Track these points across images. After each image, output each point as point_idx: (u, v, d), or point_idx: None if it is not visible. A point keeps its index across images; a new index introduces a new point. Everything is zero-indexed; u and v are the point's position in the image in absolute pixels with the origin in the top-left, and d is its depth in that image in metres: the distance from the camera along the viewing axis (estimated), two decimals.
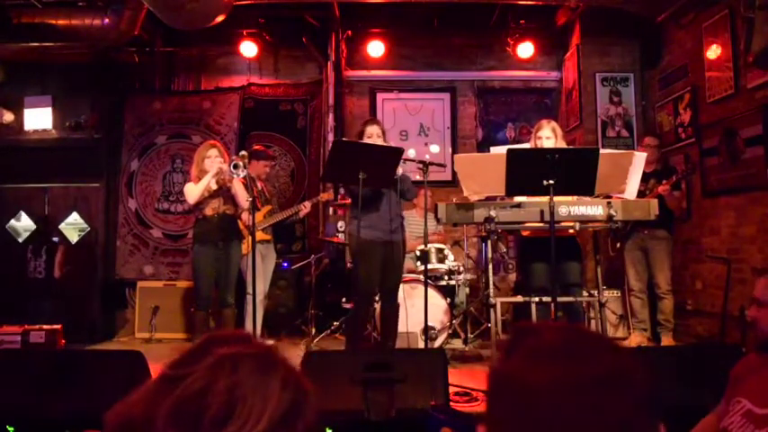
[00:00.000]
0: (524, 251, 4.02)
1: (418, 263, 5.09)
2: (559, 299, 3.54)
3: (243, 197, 4.45)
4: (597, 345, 0.70)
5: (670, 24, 5.63)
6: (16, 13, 5.45)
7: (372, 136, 4.02)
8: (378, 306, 4.52)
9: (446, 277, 5.17)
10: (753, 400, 1.59)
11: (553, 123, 3.88)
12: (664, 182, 4.82)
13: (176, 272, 6.58)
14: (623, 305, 5.46)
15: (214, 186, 4.47)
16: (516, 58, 6.65)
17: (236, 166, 4.06)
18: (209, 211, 4.51)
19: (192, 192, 4.42)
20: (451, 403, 2.77)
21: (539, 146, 3.74)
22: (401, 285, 4.38)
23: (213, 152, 4.50)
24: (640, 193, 4.10)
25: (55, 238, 6.57)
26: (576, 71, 6.39)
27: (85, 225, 6.61)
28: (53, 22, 5.50)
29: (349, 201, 4.59)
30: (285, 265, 5.89)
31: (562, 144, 3.88)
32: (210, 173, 4.37)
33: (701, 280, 5.32)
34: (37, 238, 6.58)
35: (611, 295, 5.28)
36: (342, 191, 5.68)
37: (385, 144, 4.09)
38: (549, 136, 3.76)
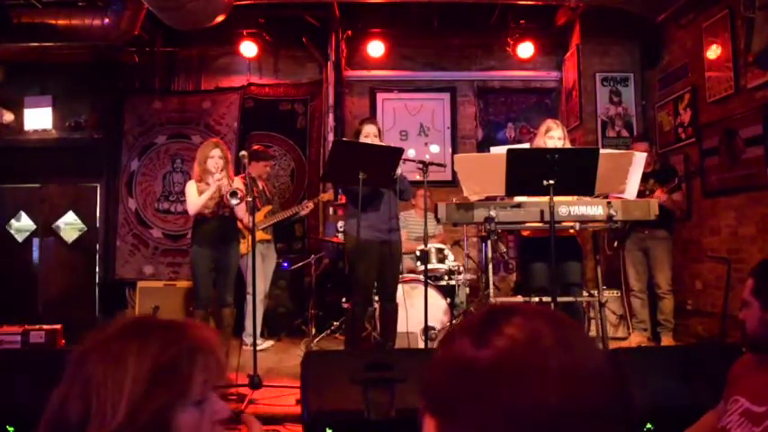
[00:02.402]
0: (524, 251, 4.02)
1: (418, 263, 5.09)
2: (559, 299, 3.54)
3: (242, 213, 4.51)
4: (586, 338, 0.68)
5: (670, 24, 5.62)
6: (16, 13, 5.44)
7: (369, 135, 4.02)
8: (377, 306, 4.52)
9: (446, 277, 5.17)
10: (750, 399, 1.59)
11: (561, 125, 3.87)
12: (661, 189, 4.79)
13: (176, 272, 6.57)
14: (623, 305, 5.46)
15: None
16: (516, 58, 6.65)
17: (233, 194, 4.10)
18: (208, 212, 4.50)
19: (193, 204, 4.37)
20: None
21: (549, 146, 3.69)
22: (401, 285, 4.37)
23: (216, 152, 4.45)
24: (640, 193, 4.09)
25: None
26: (575, 71, 6.39)
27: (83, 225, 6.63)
28: (53, 22, 5.50)
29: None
30: (285, 265, 5.88)
31: (567, 145, 3.88)
32: (210, 190, 4.31)
33: (701, 280, 5.32)
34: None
35: (611, 295, 5.28)
36: (341, 190, 5.68)
37: (385, 144, 4.09)
38: (560, 136, 3.75)
